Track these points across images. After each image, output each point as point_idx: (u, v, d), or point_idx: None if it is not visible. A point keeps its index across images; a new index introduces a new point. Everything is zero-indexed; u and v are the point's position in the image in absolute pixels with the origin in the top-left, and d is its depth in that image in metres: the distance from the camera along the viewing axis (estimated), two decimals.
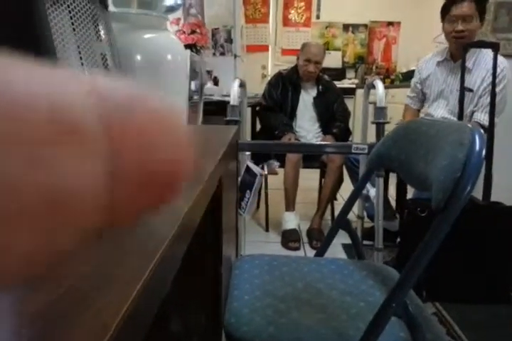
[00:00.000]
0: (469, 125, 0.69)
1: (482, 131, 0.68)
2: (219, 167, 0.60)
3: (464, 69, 1.72)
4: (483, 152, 0.62)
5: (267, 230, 2.35)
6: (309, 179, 2.75)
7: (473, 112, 1.88)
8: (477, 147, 0.62)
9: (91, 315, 0.17)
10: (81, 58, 0.67)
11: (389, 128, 1.16)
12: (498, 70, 1.77)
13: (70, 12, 0.66)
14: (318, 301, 0.78)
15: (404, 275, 0.63)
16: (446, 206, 0.63)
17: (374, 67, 5.15)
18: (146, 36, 0.91)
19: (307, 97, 2.44)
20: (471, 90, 1.84)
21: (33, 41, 0.55)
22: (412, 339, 0.65)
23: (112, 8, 0.85)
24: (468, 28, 1.83)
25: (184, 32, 3.16)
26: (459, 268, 1.60)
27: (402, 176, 0.88)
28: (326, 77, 2.51)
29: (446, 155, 0.68)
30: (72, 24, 0.66)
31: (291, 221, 2.21)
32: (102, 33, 0.76)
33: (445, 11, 1.90)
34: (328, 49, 4.84)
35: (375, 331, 0.63)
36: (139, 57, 0.88)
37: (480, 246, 1.59)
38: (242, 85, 1.55)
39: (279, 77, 2.45)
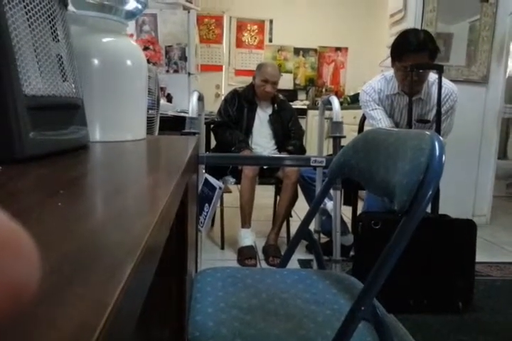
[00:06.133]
0: (427, 132, 0.73)
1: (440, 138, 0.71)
2: (184, 178, 0.58)
3: (411, 101, 1.77)
4: (444, 156, 0.65)
5: (222, 248, 2.31)
6: (264, 197, 2.76)
7: None
8: (437, 150, 0.65)
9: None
10: (36, 57, 0.64)
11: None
12: (452, 98, 1.87)
13: (25, 7, 0.62)
14: (284, 311, 0.76)
15: (373, 278, 0.63)
16: (411, 207, 0.64)
17: (324, 90, 5.36)
18: (105, 40, 0.88)
19: (263, 115, 2.47)
20: (427, 121, 1.87)
21: None
22: None
23: (71, 8, 0.82)
24: (420, 78, 1.78)
25: None
26: (411, 279, 1.64)
27: (363, 184, 0.90)
28: (281, 96, 2.57)
29: (407, 160, 0.70)
30: (28, 20, 0.63)
31: (247, 238, 2.18)
32: (59, 33, 0.72)
33: (398, 56, 1.80)
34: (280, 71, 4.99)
35: (345, 335, 0.62)
36: (96, 61, 0.84)
37: (429, 257, 1.66)
38: (200, 99, 1.54)
39: (235, 94, 2.47)
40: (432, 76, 1.91)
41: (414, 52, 1.73)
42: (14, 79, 0.52)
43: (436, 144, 0.67)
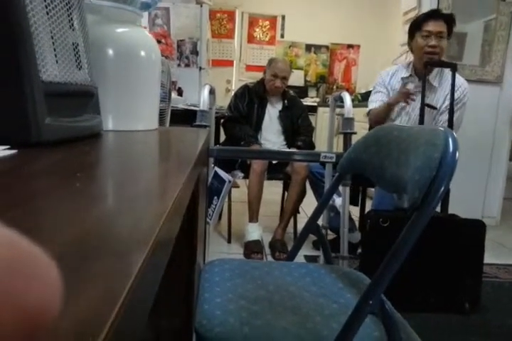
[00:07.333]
0: (441, 128, 0.72)
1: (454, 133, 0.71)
2: (196, 169, 0.58)
3: (424, 87, 1.80)
4: (457, 152, 0.64)
5: (229, 242, 2.32)
6: (272, 193, 2.76)
7: None
8: (451, 146, 0.64)
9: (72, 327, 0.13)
10: (53, 44, 0.64)
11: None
12: (461, 90, 1.87)
13: None
14: (291, 303, 0.76)
15: (381, 272, 0.63)
16: (423, 203, 0.64)
17: (335, 87, 5.33)
18: (120, 30, 0.88)
19: (273, 111, 2.47)
20: (434, 108, 1.90)
21: (10, 26, 0.52)
22: (387, 337, 0.65)
23: None
24: (441, 45, 1.90)
25: None
26: (419, 277, 1.64)
27: (374, 180, 0.89)
28: (291, 92, 2.56)
29: (420, 155, 0.70)
30: (46, 7, 0.63)
31: (254, 232, 2.19)
32: (75, 22, 0.73)
33: (417, 27, 1.95)
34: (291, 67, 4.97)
35: (352, 329, 0.62)
36: (110, 50, 0.85)
37: (437, 256, 1.65)
38: (211, 92, 1.54)
39: (245, 89, 2.47)
40: (446, 70, 1.95)
41: (431, 18, 1.90)
42: (32, 65, 0.53)
43: (450, 140, 0.66)
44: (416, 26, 1.96)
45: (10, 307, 0.09)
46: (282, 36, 5.28)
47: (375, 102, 2.11)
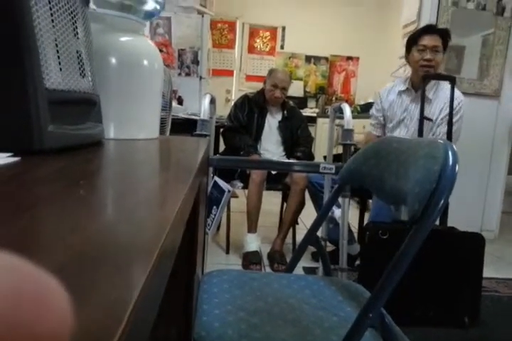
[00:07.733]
0: (440, 140, 0.72)
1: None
2: (197, 178, 0.57)
3: (423, 99, 1.82)
4: (457, 164, 0.64)
5: (227, 252, 2.30)
6: (271, 204, 2.75)
7: None
8: (451, 159, 0.65)
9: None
10: (58, 52, 0.65)
11: None
12: (456, 103, 1.90)
13: (49, 2, 0.63)
14: (290, 316, 0.75)
15: (381, 285, 0.63)
16: (422, 216, 0.64)
17: (334, 98, 5.37)
18: (123, 39, 0.89)
19: (273, 121, 2.48)
20: (430, 120, 1.94)
21: (17, 33, 0.52)
22: None
23: (92, 5, 0.83)
24: (436, 59, 1.96)
25: None
26: (418, 291, 1.62)
27: (373, 191, 0.89)
28: (291, 102, 2.57)
29: (420, 168, 0.70)
30: (52, 15, 0.64)
31: (253, 243, 2.17)
32: (79, 30, 0.73)
33: (413, 41, 2.01)
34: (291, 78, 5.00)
35: None
36: (113, 59, 0.85)
37: (436, 270, 1.64)
38: (212, 102, 1.55)
39: (245, 99, 2.48)
40: (442, 83, 2.01)
41: (426, 33, 1.97)
42: (36, 72, 0.53)
43: (450, 153, 0.66)
44: (412, 40, 2.02)
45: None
46: (282, 47, 5.33)
47: (370, 126, 2.29)
